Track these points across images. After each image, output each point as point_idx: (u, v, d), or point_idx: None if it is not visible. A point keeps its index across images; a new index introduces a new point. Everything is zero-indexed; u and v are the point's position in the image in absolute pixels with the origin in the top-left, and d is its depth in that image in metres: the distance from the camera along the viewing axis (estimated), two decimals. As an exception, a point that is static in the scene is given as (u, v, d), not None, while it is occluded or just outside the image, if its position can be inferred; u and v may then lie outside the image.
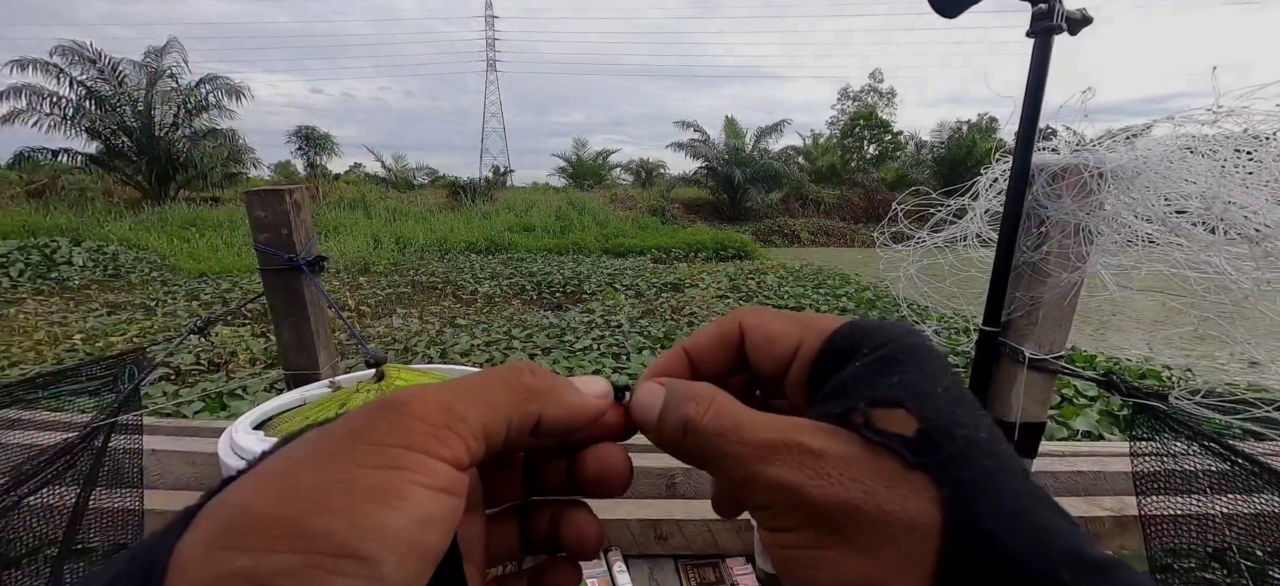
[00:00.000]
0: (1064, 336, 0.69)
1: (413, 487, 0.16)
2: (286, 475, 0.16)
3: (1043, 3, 0.62)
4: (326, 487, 0.15)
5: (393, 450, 0.16)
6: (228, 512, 0.15)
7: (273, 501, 0.15)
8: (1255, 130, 0.55)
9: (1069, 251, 0.64)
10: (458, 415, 0.18)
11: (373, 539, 0.15)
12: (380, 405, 0.17)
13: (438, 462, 0.17)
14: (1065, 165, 0.64)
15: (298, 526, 0.14)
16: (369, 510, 0.15)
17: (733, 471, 0.19)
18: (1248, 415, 0.54)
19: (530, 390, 0.20)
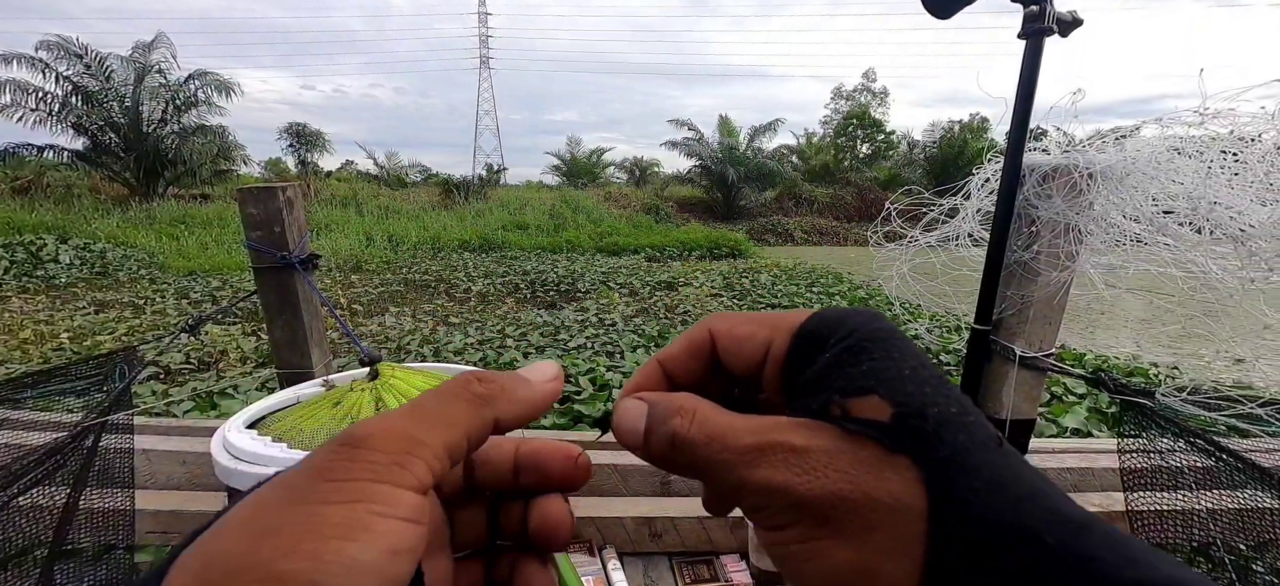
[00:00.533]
0: (1054, 334, 0.70)
1: (378, 519, 0.16)
2: (257, 519, 0.16)
3: (1034, 4, 0.63)
4: (295, 528, 0.15)
5: (356, 484, 0.17)
6: (204, 559, 0.16)
7: (245, 546, 0.15)
8: (1241, 132, 0.56)
9: (1059, 251, 0.65)
10: (417, 440, 0.18)
11: (341, 575, 0.15)
12: (340, 441, 0.18)
13: (401, 491, 0.17)
14: (1055, 166, 0.64)
15: (270, 570, 0.15)
16: (337, 546, 0.15)
17: (723, 477, 0.19)
18: (1232, 411, 0.55)
19: (483, 398, 0.21)
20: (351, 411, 0.75)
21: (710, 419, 0.20)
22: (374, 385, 0.80)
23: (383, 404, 0.78)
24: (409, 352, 3.85)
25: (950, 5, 0.69)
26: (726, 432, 0.19)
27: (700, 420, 0.20)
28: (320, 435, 0.71)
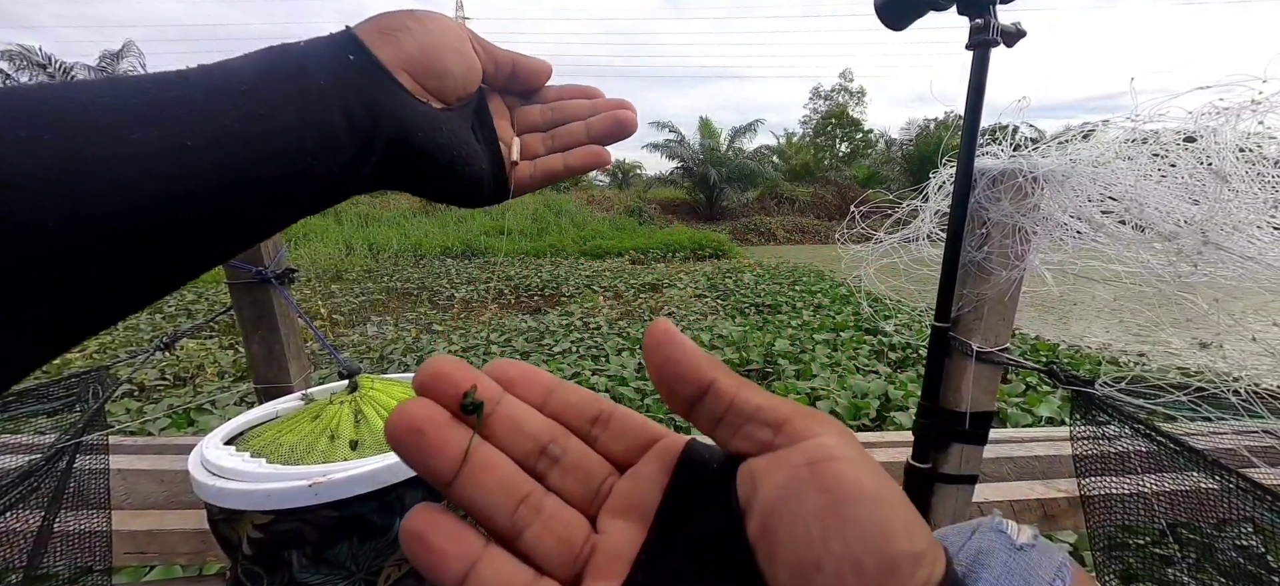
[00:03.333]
0: (1008, 330, 0.74)
1: (444, 28, 0.31)
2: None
3: (979, 18, 0.66)
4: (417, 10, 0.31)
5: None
6: (369, 23, 0.30)
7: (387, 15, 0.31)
8: (1168, 138, 0.60)
9: (1009, 251, 0.69)
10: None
11: (409, 31, 0.30)
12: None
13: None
14: (1003, 169, 0.68)
15: (406, 14, 0.31)
16: (411, 23, 0.30)
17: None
18: (1165, 399, 0.59)
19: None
20: (331, 424, 0.76)
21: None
22: (354, 397, 0.81)
23: (363, 416, 0.79)
24: (392, 362, 3.82)
25: (903, 18, 0.73)
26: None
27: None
28: (300, 449, 0.72)
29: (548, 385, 0.22)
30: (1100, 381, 0.65)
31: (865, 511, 0.16)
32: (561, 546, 0.20)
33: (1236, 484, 0.58)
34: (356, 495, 0.65)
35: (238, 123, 0.24)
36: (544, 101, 0.38)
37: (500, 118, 0.36)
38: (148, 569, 1.32)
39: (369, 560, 0.69)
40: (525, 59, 0.35)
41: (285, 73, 0.26)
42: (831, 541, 0.15)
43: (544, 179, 0.37)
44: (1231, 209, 0.55)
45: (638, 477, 0.21)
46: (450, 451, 0.19)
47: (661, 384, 0.20)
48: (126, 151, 0.21)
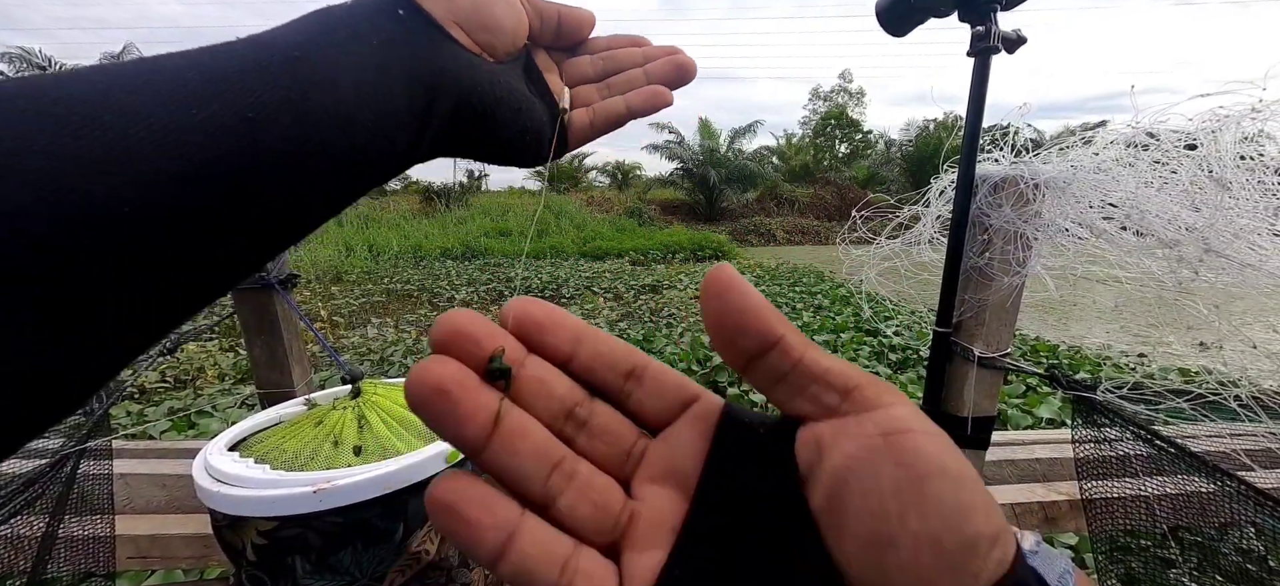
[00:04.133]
0: (1009, 335, 0.74)
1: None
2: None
3: (981, 25, 0.67)
4: None
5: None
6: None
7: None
8: (1170, 144, 0.61)
9: (1010, 257, 0.69)
10: None
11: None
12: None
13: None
14: (1005, 176, 0.68)
15: None
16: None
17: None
18: (1166, 406, 0.60)
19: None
20: (334, 430, 0.76)
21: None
22: (356, 403, 0.81)
23: (366, 422, 0.79)
24: (393, 364, 3.82)
25: (904, 24, 0.73)
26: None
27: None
28: (304, 455, 0.72)
29: (576, 331, 0.20)
30: (1102, 388, 0.65)
31: (945, 489, 0.15)
32: (598, 513, 0.19)
33: (1235, 488, 0.58)
34: (361, 501, 0.65)
35: (295, 89, 0.22)
36: (592, 52, 0.37)
37: (549, 71, 0.35)
38: (149, 573, 1.32)
39: (373, 566, 0.69)
40: (569, 9, 0.35)
41: (336, 37, 0.24)
42: (909, 518, 0.15)
43: (605, 124, 0.36)
44: (1233, 216, 0.55)
45: (674, 441, 0.20)
46: (481, 417, 0.17)
47: (721, 333, 0.18)
48: (194, 130, 0.20)
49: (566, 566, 0.17)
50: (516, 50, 0.32)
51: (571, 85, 0.36)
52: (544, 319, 0.20)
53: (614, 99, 0.35)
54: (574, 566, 0.17)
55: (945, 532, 0.15)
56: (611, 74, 0.36)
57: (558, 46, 0.36)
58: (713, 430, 0.20)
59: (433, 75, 0.27)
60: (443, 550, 0.76)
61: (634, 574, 0.18)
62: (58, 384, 0.18)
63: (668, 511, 0.19)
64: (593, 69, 0.36)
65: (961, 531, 0.15)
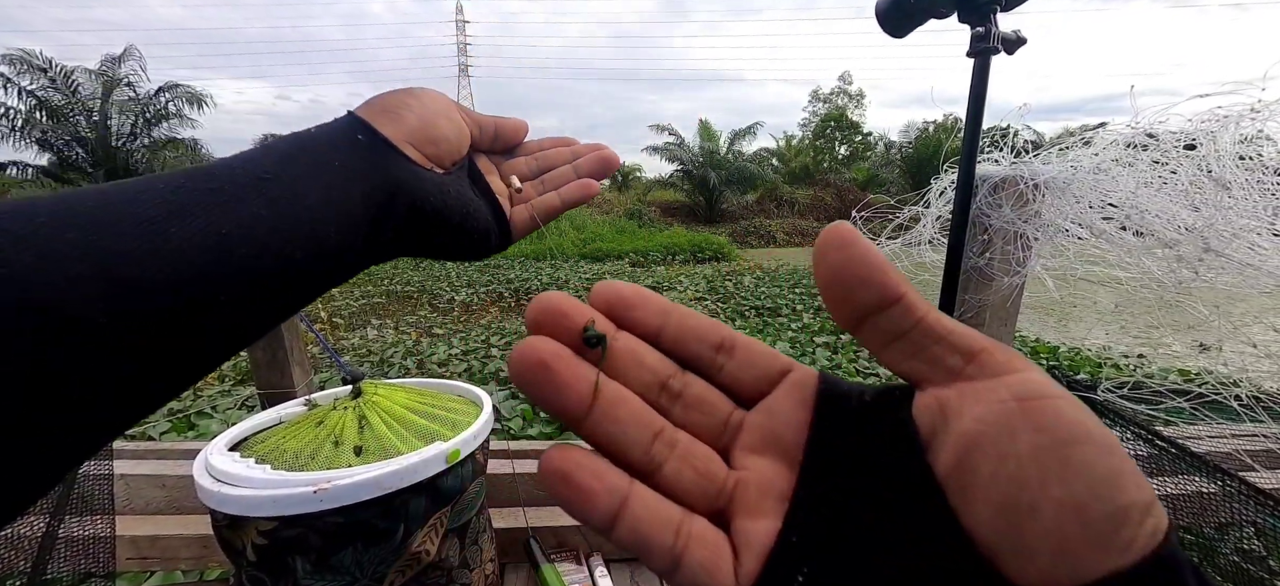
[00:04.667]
0: (1010, 335, 0.74)
1: (434, 99, 0.35)
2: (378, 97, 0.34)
3: (980, 26, 0.67)
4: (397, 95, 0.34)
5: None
6: (364, 107, 0.33)
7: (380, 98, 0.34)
8: (1169, 144, 0.61)
9: (1010, 257, 0.69)
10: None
11: (430, 96, 0.34)
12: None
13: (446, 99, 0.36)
14: (1004, 177, 0.68)
15: (397, 95, 0.34)
16: (407, 100, 0.33)
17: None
18: (1166, 405, 0.60)
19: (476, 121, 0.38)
20: (335, 430, 0.76)
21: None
22: (357, 403, 0.81)
23: (366, 421, 0.79)
24: (392, 365, 3.82)
25: (904, 26, 0.73)
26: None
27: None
28: (304, 455, 0.72)
29: (663, 306, 0.21)
30: (1103, 388, 0.65)
31: (1091, 455, 0.14)
32: (702, 481, 0.19)
33: (1236, 488, 0.58)
34: (361, 501, 0.65)
35: (266, 208, 0.25)
36: (527, 154, 0.42)
37: (490, 174, 0.40)
38: (149, 574, 1.32)
39: (374, 566, 0.69)
40: (504, 120, 0.41)
41: (304, 159, 0.28)
42: (1051, 484, 0.14)
43: (544, 216, 0.41)
44: (1232, 216, 0.55)
45: (772, 411, 0.20)
46: (580, 386, 0.18)
47: (836, 286, 0.18)
48: (168, 246, 0.22)
49: (680, 530, 0.17)
50: (460, 159, 0.37)
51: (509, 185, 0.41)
52: (631, 296, 0.21)
53: (549, 194, 0.41)
54: (687, 530, 0.18)
55: (1092, 500, 0.14)
56: (545, 172, 0.42)
57: (496, 151, 0.41)
58: (813, 399, 0.20)
59: (389, 186, 0.31)
60: (443, 550, 0.76)
61: (747, 540, 0.18)
62: (44, 456, 0.21)
63: (774, 480, 0.19)
64: (528, 169, 0.41)
65: (1111, 499, 0.14)
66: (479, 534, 0.85)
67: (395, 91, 0.34)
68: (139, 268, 0.21)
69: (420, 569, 0.73)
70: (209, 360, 0.25)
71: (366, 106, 0.33)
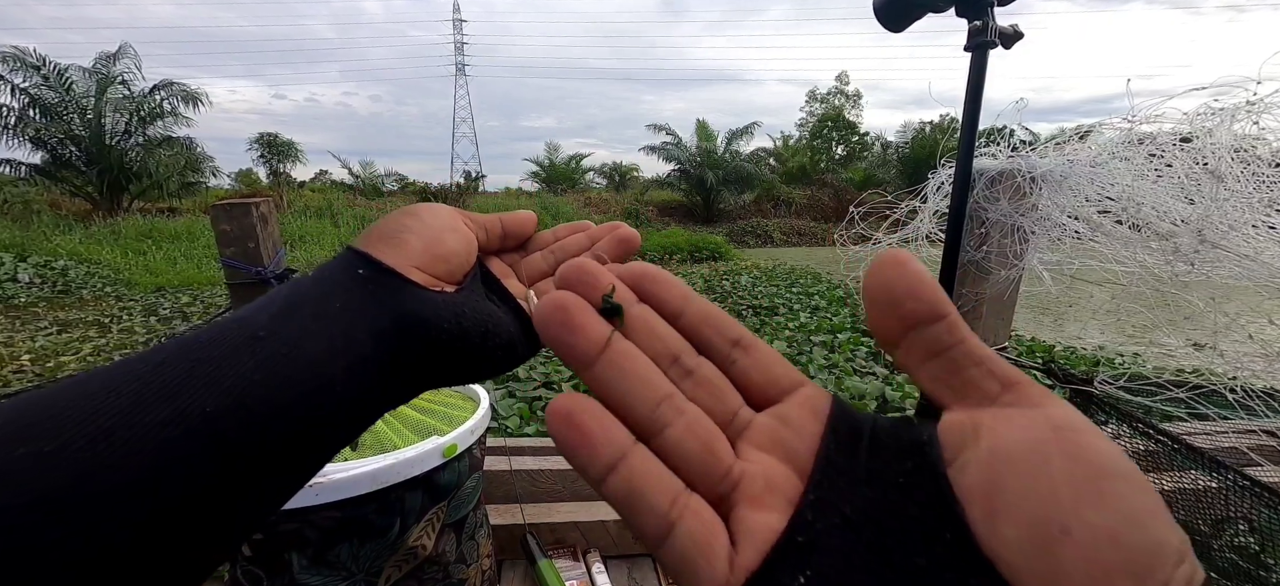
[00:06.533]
0: (1007, 329, 0.74)
1: (436, 214, 0.33)
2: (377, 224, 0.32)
3: (978, 20, 0.67)
4: (395, 221, 0.32)
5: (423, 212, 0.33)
6: (363, 235, 0.31)
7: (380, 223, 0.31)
8: (1165, 138, 0.61)
9: (1007, 250, 0.69)
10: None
11: (434, 215, 0.32)
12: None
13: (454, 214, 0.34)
14: (1002, 170, 0.69)
15: (397, 219, 0.31)
16: (406, 221, 0.31)
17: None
18: (1163, 396, 0.60)
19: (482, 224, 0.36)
20: (330, 425, 0.76)
21: None
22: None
23: (362, 416, 0.78)
24: (388, 364, 3.81)
25: (902, 19, 0.73)
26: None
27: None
28: (299, 449, 0.72)
29: (686, 292, 0.22)
30: (1099, 379, 0.65)
31: (1126, 489, 0.14)
32: (706, 455, 0.18)
33: (1236, 481, 0.58)
34: (357, 495, 0.65)
35: (258, 371, 0.23)
36: (541, 247, 0.39)
37: (506, 277, 0.37)
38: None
39: (370, 561, 0.69)
40: (509, 216, 0.38)
41: (300, 307, 0.25)
42: (1084, 508, 0.14)
43: None
44: (1227, 208, 0.56)
45: (784, 417, 0.20)
46: (593, 333, 0.19)
47: (883, 298, 0.18)
48: (145, 435, 0.20)
49: (676, 500, 0.17)
50: (471, 269, 0.34)
51: (529, 283, 0.38)
52: (656, 274, 0.22)
53: None
54: (684, 503, 0.17)
55: (1126, 529, 0.13)
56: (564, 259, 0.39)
57: (507, 249, 0.39)
58: (827, 416, 0.19)
59: (399, 321, 0.28)
60: (439, 545, 0.76)
61: (748, 532, 0.17)
62: None
63: (781, 480, 0.18)
64: (546, 264, 0.38)
65: (1146, 531, 0.13)
66: (476, 529, 0.84)
67: (393, 215, 0.32)
68: (106, 474, 0.19)
69: (417, 563, 0.73)
70: (224, 547, 0.23)
71: (365, 236, 0.30)
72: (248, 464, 0.22)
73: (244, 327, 0.24)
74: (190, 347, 0.23)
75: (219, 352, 0.22)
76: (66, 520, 0.18)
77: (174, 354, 0.22)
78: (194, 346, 0.23)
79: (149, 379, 0.21)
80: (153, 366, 0.21)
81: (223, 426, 0.21)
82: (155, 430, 0.20)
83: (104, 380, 0.21)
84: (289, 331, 0.24)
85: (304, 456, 0.25)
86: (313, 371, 0.24)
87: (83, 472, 0.18)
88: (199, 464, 0.21)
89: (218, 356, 0.22)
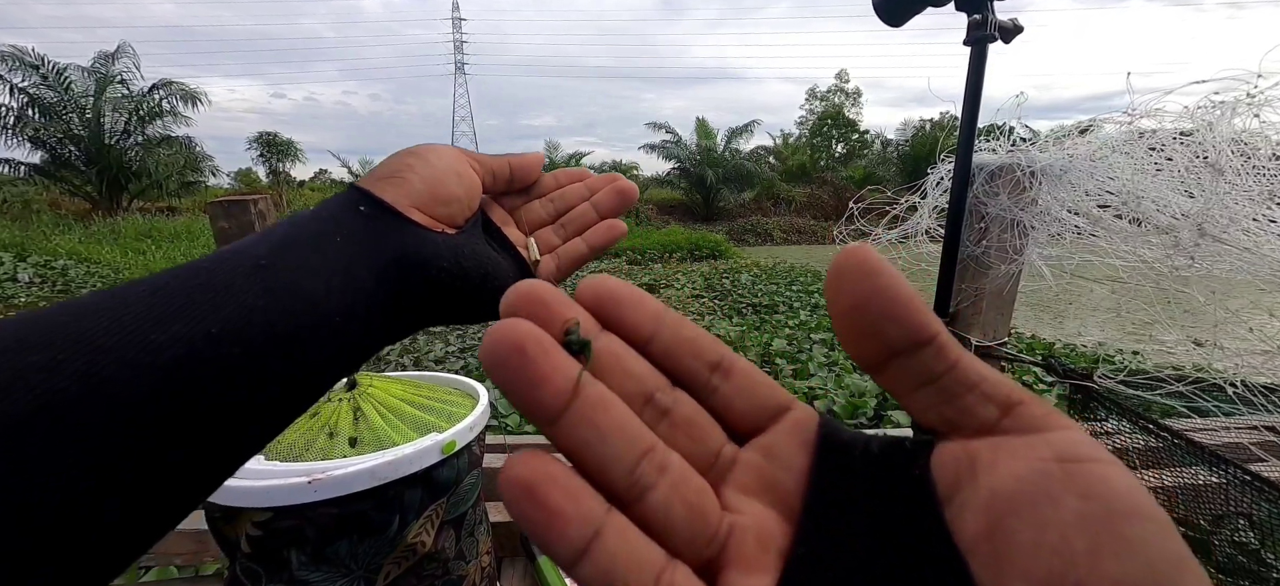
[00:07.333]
0: (1006, 323, 0.74)
1: (441, 156, 0.33)
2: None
3: (977, 14, 0.67)
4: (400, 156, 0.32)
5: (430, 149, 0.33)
6: (366, 178, 0.31)
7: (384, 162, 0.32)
8: (1166, 132, 0.61)
9: (1007, 245, 0.69)
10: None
11: (438, 154, 0.33)
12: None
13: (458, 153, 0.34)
14: (1001, 164, 0.68)
15: (402, 157, 0.32)
16: (410, 162, 0.31)
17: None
18: (1163, 391, 0.60)
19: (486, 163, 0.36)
20: (330, 421, 0.76)
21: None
22: (352, 394, 0.81)
23: (362, 412, 0.78)
24: (388, 362, 3.81)
25: (902, 14, 0.73)
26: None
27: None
28: (299, 445, 0.72)
29: (657, 311, 0.18)
30: (1099, 374, 0.65)
31: (1148, 532, 0.12)
32: (693, 519, 0.16)
33: (1237, 476, 0.58)
34: (356, 492, 0.65)
35: (262, 298, 0.23)
36: (543, 193, 0.39)
37: (506, 225, 0.37)
38: (144, 569, 1.31)
39: (368, 558, 0.69)
40: (518, 157, 0.37)
41: (303, 240, 0.26)
42: (1104, 560, 0.12)
43: (571, 266, 0.38)
44: (1227, 202, 0.56)
45: (770, 451, 0.18)
46: (558, 380, 0.15)
47: (860, 319, 0.15)
48: (148, 357, 0.20)
49: (660, 580, 0.15)
50: (473, 214, 0.34)
51: (530, 232, 0.38)
52: (622, 294, 0.18)
53: (576, 241, 0.38)
54: (669, 580, 0.15)
55: (1149, 581, 0.12)
56: (563, 214, 0.39)
57: (512, 193, 0.38)
58: (814, 444, 0.17)
59: (400, 260, 0.28)
60: (439, 542, 0.76)
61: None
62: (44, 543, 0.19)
63: (771, 529, 0.16)
64: (546, 212, 0.38)
65: (1172, 583, 0.12)
66: (475, 526, 0.84)
67: (398, 154, 0.32)
68: (115, 385, 0.19)
69: (416, 560, 0.73)
70: (218, 469, 0.23)
71: (369, 175, 0.31)
72: (248, 389, 0.22)
73: (244, 257, 0.24)
74: (194, 273, 0.23)
75: (221, 279, 0.23)
76: (79, 428, 0.18)
77: (173, 280, 0.22)
78: (195, 272, 0.23)
79: (152, 302, 0.21)
80: (153, 290, 0.22)
81: (226, 349, 0.21)
82: (165, 349, 0.20)
83: (111, 299, 0.21)
84: (290, 262, 0.24)
85: (300, 386, 0.25)
86: (313, 303, 0.24)
87: (95, 382, 0.19)
88: (206, 384, 0.21)
89: (220, 283, 0.23)
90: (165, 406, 0.20)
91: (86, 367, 0.19)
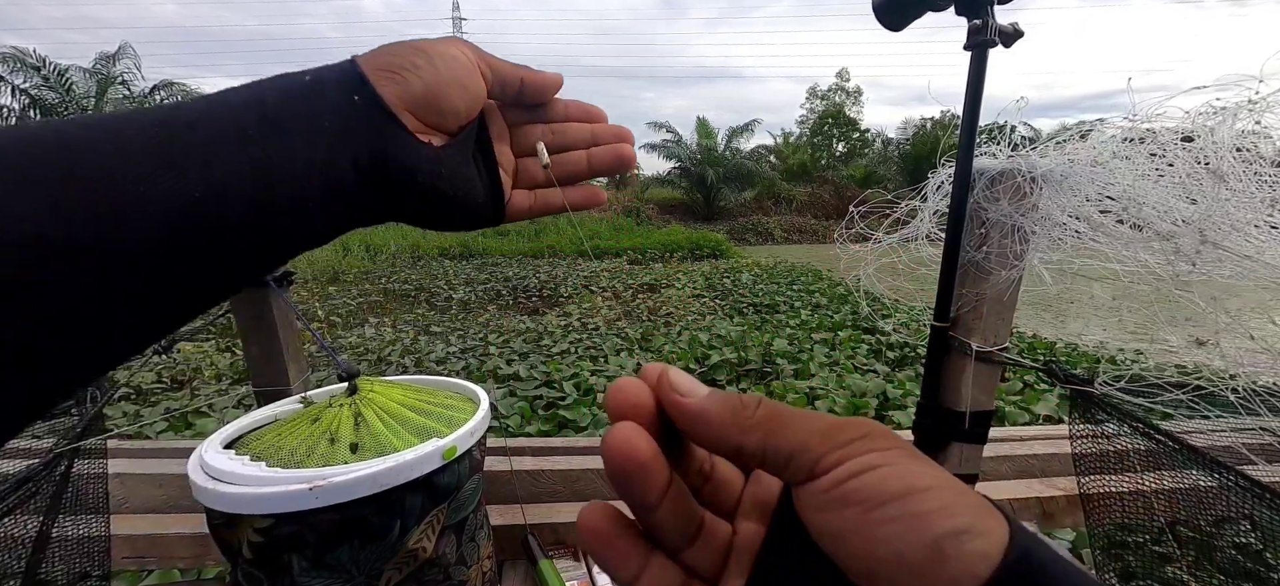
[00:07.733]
0: (1007, 329, 0.74)
1: (450, 63, 0.31)
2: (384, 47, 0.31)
3: (977, 18, 0.66)
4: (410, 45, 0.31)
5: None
6: (366, 58, 0.30)
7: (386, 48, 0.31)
8: (1166, 137, 0.61)
9: (1007, 250, 0.69)
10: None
11: (443, 46, 0.31)
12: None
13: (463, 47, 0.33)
14: (1002, 169, 0.68)
15: (403, 46, 0.31)
16: (416, 60, 0.30)
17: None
18: (1164, 397, 0.60)
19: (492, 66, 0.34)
20: (331, 427, 0.76)
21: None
22: (353, 400, 0.81)
23: (363, 418, 0.78)
24: (390, 364, 3.81)
25: (901, 19, 0.73)
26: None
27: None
28: (300, 452, 0.72)
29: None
30: (1099, 380, 0.65)
31: (894, 509, 0.16)
32: (713, 557, 0.21)
33: (1234, 481, 0.58)
34: (357, 498, 0.65)
35: (246, 167, 0.24)
36: (550, 119, 0.38)
37: (500, 140, 0.36)
38: (146, 573, 1.32)
39: (370, 563, 0.69)
40: (533, 73, 0.35)
41: (293, 118, 0.26)
42: (876, 547, 0.16)
43: (542, 210, 0.38)
44: (1229, 208, 0.55)
45: (759, 477, 0.23)
46: (660, 480, 0.19)
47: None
48: (138, 205, 0.22)
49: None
50: (469, 123, 0.34)
51: (522, 156, 0.38)
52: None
53: (554, 191, 0.38)
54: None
55: (905, 546, 0.15)
56: (561, 150, 0.38)
57: (519, 105, 0.37)
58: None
59: (380, 161, 0.29)
60: (440, 547, 0.76)
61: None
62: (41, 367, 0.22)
63: (756, 542, 0.21)
64: (544, 139, 0.38)
65: (919, 539, 0.15)
66: (476, 530, 0.84)
67: (407, 46, 0.30)
68: (102, 225, 0.21)
69: (417, 566, 0.73)
70: (173, 317, 0.25)
71: (372, 57, 0.30)
72: (221, 252, 0.24)
73: (233, 121, 0.25)
74: (187, 129, 0.24)
75: (211, 140, 0.24)
76: (85, 256, 0.21)
77: (163, 131, 0.23)
78: (190, 128, 0.24)
79: (139, 152, 0.23)
80: (144, 138, 0.23)
81: (206, 212, 0.23)
82: (143, 200, 0.22)
83: (114, 140, 0.23)
84: (278, 142, 0.26)
85: (272, 252, 0.27)
86: (292, 182, 0.26)
87: (99, 216, 0.21)
88: (180, 242, 0.23)
89: (211, 142, 0.24)
90: (148, 240, 0.22)
91: (86, 195, 0.21)
